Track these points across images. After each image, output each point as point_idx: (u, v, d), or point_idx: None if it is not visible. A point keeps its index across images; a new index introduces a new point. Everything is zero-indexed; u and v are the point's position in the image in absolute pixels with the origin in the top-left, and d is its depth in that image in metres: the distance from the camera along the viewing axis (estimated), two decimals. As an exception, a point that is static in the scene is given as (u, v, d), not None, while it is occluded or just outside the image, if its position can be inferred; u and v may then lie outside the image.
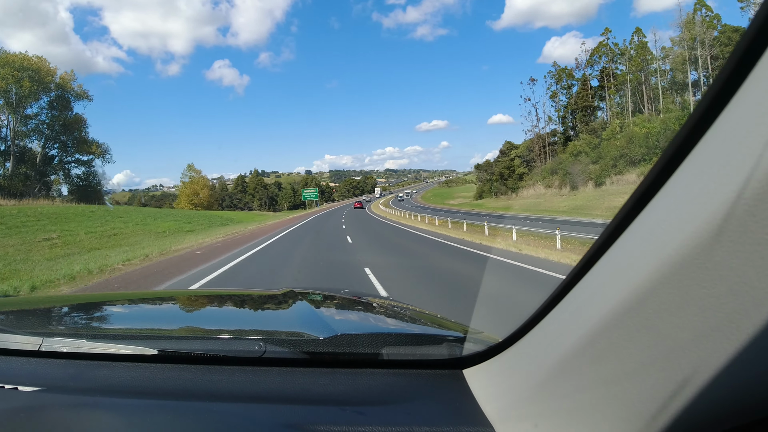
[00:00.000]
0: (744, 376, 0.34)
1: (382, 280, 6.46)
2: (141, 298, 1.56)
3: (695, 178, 0.36)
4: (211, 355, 0.82)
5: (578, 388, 0.49)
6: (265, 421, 0.64)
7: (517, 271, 7.29)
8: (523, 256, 8.97)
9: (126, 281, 7.42)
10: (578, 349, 0.48)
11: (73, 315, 1.25)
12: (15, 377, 0.77)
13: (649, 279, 0.38)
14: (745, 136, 0.32)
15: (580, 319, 0.49)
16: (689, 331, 0.36)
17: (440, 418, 0.65)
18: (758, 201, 0.30)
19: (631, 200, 0.44)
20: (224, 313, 1.32)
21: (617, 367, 0.43)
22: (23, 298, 1.67)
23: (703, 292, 0.34)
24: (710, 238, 0.33)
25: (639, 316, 0.40)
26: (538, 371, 0.56)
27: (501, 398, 0.64)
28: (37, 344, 0.84)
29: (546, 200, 45.79)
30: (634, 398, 0.42)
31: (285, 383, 0.76)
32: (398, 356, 0.80)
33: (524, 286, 6.04)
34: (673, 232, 0.37)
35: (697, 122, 0.37)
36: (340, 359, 0.82)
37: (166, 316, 1.26)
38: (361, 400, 0.70)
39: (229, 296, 1.59)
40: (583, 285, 0.52)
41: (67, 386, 0.75)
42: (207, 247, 13.17)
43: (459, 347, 0.81)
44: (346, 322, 1.20)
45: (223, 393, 0.73)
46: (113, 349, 0.83)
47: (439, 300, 5.22)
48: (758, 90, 0.32)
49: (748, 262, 0.31)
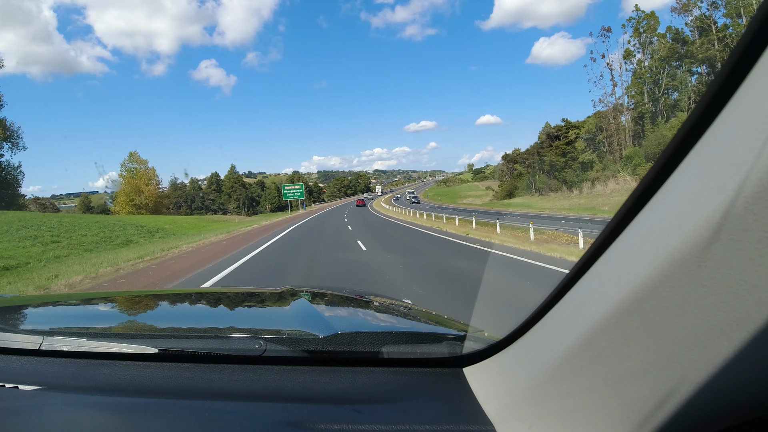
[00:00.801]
0: (743, 375, 0.34)
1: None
2: (141, 297, 1.56)
3: (695, 176, 0.37)
4: (211, 354, 0.82)
5: (578, 387, 0.49)
6: (266, 420, 0.64)
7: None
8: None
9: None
10: (578, 347, 0.48)
11: (73, 314, 1.25)
12: (15, 376, 0.78)
13: (649, 277, 0.39)
14: (745, 133, 0.32)
15: (580, 317, 0.49)
16: (689, 330, 0.36)
17: (440, 417, 0.65)
18: (758, 199, 0.30)
19: (631, 199, 0.44)
20: (224, 312, 1.31)
21: (617, 365, 0.44)
22: (23, 297, 1.64)
23: (703, 291, 0.34)
24: (710, 236, 0.33)
25: (639, 315, 0.40)
26: (538, 370, 0.56)
27: (501, 397, 0.64)
28: (38, 343, 0.85)
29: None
30: (634, 397, 0.42)
31: (285, 382, 0.76)
32: (398, 354, 0.81)
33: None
34: (673, 231, 0.37)
35: (698, 120, 0.37)
36: (340, 358, 0.82)
37: (166, 315, 1.26)
38: (361, 399, 0.71)
39: (229, 295, 1.57)
40: (583, 284, 0.52)
41: (68, 385, 0.76)
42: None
43: (459, 345, 0.82)
44: (346, 321, 1.19)
45: (223, 391, 0.73)
46: (114, 348, 0.83)
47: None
48: (758, 88, 0.32)
49: (748, 260, 0.32)
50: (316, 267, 8.10)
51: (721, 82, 0.35)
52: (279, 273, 7.64)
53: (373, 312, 1.30)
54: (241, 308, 1.36)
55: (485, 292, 5.54)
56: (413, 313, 1.26)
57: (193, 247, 13.22)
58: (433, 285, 6.16)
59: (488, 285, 6.12)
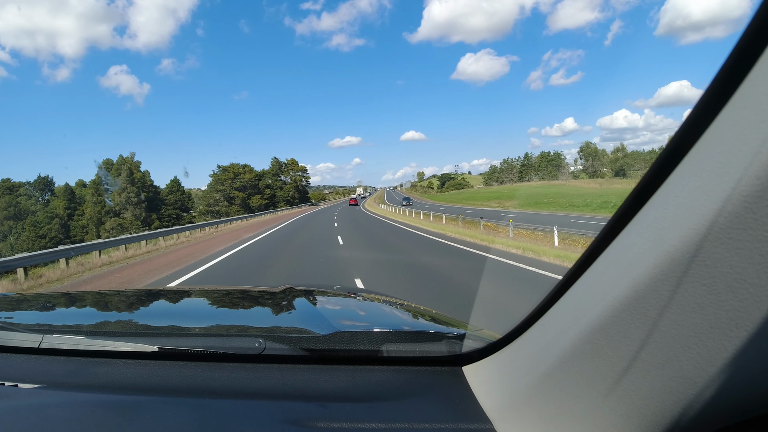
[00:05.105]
0: (742, 373, 0.34)
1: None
2: (141, 295, 1.54)
3: (695, 175, 0.36)
4: (211, 352, 0.82)
5: (578, 385, 0.49)
6: (265, 418, 0.64)
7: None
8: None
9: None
10: (577, 346, 0.48)
11: (73, 312, 1.24)
12: (15, 374, 0.78)
13: (649, 276, 0.39)
14: (745, 132, 0.32)
15: (579, 316, 0.49)
16: (688, 329, 0.36)
17: (440, 415, 0.65)
18: (757, 198, 0.31)
19: (631, 197, 0.44)
20: (224, 310, 1.31)
21: (616, 364, 0.44)
22: (23, 295, 1.62)
23: (703, 290, 0.34)
24: (710, 235, 0.33)
25: (638, 314, 0.40)
26: (537, 368, 0.56)
27: (500, 395, 0.64)
28: (37, 341, 0.85)
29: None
30: (632, 395, 0.42)
31: (285, 380, 0.76)
32: (398, 353, 0.81)
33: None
34: (673, 229, 0.37)
35: (698, 119, 0.37)
36: (339, 356, 0.82)
37: (166, 313, 1.25)
38: (360, 397, 0.71)
39: (228, 293, 1.55)
40: (582, 282, 0.52)
41: (67, 383, 0.76)
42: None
43: (458, 344, 0.82)
44: (345, 319, 1.18)
45: (223, 390, 0.73)
46: (113, 346, 0.83)
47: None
48: (758, 87, 0.32)
49: (747, 259, 0.32)
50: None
51: (721, 80, 0.35)
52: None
53: (372, 310, 1.30)
54: (240, 306, 1.35)
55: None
56: (413, 312, 1.26)
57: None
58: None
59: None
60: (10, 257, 9.49)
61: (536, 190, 67.42)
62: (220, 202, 61.15)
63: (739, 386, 0.35)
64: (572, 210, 35.52)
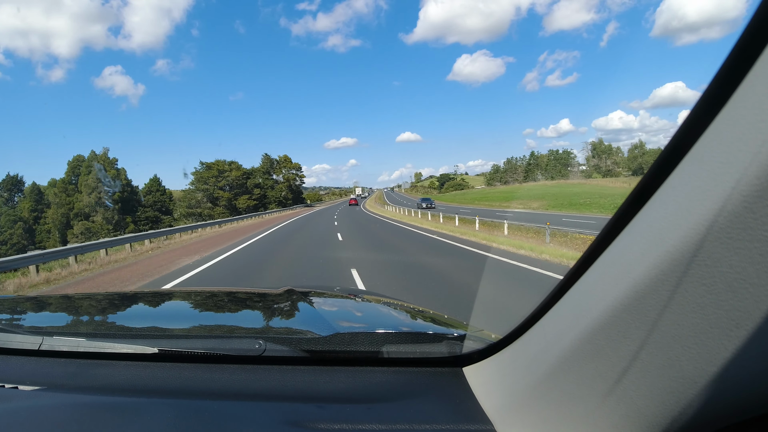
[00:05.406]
0: (743, 373, 0.34)
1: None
2: (141, 297, 1.54)
3: (695, 175, 0.36)
4: (211, 354, 0.82)
5: (578, 385, 0.49)
6: (266, 420, 0.64)
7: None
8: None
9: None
10: (577, 346, 0.48)
11: (73, 314, 1.24)
12: (15, 376, 0.78)
13: (648, 276, 0.38)
14: (744, 132, 0.32)
15: (579, 316, 0.49)
16: (689, 328, 0.36)
17: (440, 416, 0.65)
18: (757, 198, 0.30)
19: (631, 197, 0.44)
20: (224, 312, 1.30)
21: (616, 364, 0.43)
22: (23, 297, 1.55)
23: (702, 290, 0.34)
24: (710, 234, 0.33)
25: (638, 314, 0.40)
26: (537, 369, 0.56)
27: (501, 396, 0.64)
28: (37, 343, 0.85)
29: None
30: (633, 395, 0.42)
31: (285, 381, 0.76)
32: (398, 354, 0.80)
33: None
34: (673, 229, 0.37)
35: (698, 119, 0.37)
36: (340, 357, 0.82)
37: (166, 315, 1.25)
38: (361, 398, 0.71)
39: (228, 295, 1.55)
40: (582, 282, 0.52)
41: (68, 385, 0.76)
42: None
43: (459, 345, 0.81)
44: (345, 321, 1.17)
45: (223, 391, 0.73)
46: (113, 348, 0.83)
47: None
48: (757, 87, 0.32)
49: (747, 259, 0.31)
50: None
51: (720, 80, 0.35)
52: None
53: (372, 311, 1.29)
54: (240, 308, 1.35)
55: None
56: (413, 313, 1.25)
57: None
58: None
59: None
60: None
61: (551, 189, 62.12)
62: (202, 203, 54.05)
63: (740, 386, 0.35)
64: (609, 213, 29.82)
